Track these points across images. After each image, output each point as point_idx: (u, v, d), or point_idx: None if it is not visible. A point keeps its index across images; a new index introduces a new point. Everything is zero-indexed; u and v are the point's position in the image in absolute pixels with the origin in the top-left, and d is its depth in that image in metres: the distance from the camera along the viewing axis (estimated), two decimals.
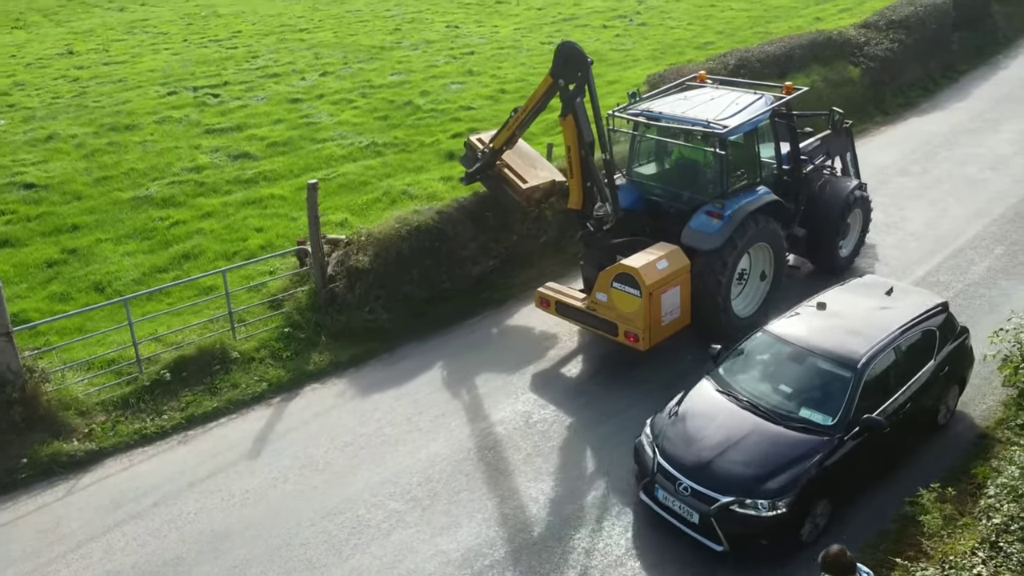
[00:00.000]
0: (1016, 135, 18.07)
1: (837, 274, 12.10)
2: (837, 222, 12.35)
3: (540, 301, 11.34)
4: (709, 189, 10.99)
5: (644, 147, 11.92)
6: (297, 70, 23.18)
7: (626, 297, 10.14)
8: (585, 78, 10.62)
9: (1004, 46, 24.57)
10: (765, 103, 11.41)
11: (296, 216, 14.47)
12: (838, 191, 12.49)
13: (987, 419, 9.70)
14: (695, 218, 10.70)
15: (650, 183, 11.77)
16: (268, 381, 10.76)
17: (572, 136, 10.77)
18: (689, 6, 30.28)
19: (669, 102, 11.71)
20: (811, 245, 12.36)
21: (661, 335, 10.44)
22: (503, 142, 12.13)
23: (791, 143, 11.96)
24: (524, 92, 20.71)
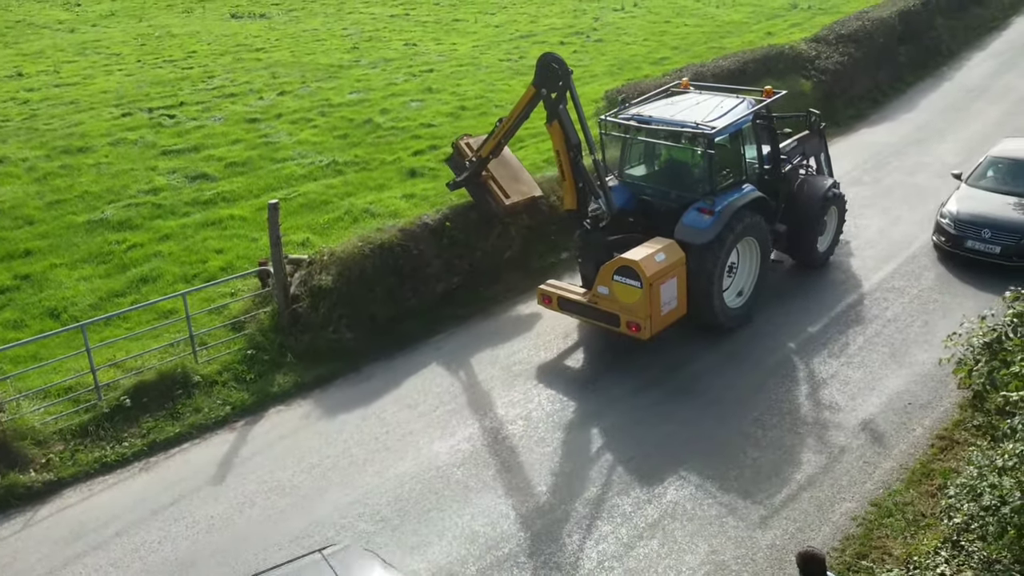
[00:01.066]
0: (961, 144, 18.63)
1: (816, 269, 13.13)
2: (816, 219, 12.99)
3: (542, 298, 11.74)
4: (698, 187, 11.58)
5: (634, 150, 12.47)
6: (254, 90, 22.99)
7: (627, 289, 10.63)
8: (567, 86, 11.20)
9: (948, 58, 25.37)
10: (747, 106, 12.10)
11: (257, 237, 14.31)
12: (815, 189, 13.11)
13: (944, 421, 9.93)
14: (687, 214, 11.23)
15: (641, 183, 12.31)
16: (231, 404, 10.59)
17: (560, 141, 11.35)
18: (644, 23, 30.75)
19: (657, 107, 12.35)
20: (792, 241, 12.96)
21: (661, 324, 10.93)
22: (490, 150, 12.56)
23: (771, 144, 12.58)
24: (483, 109, 20.84)
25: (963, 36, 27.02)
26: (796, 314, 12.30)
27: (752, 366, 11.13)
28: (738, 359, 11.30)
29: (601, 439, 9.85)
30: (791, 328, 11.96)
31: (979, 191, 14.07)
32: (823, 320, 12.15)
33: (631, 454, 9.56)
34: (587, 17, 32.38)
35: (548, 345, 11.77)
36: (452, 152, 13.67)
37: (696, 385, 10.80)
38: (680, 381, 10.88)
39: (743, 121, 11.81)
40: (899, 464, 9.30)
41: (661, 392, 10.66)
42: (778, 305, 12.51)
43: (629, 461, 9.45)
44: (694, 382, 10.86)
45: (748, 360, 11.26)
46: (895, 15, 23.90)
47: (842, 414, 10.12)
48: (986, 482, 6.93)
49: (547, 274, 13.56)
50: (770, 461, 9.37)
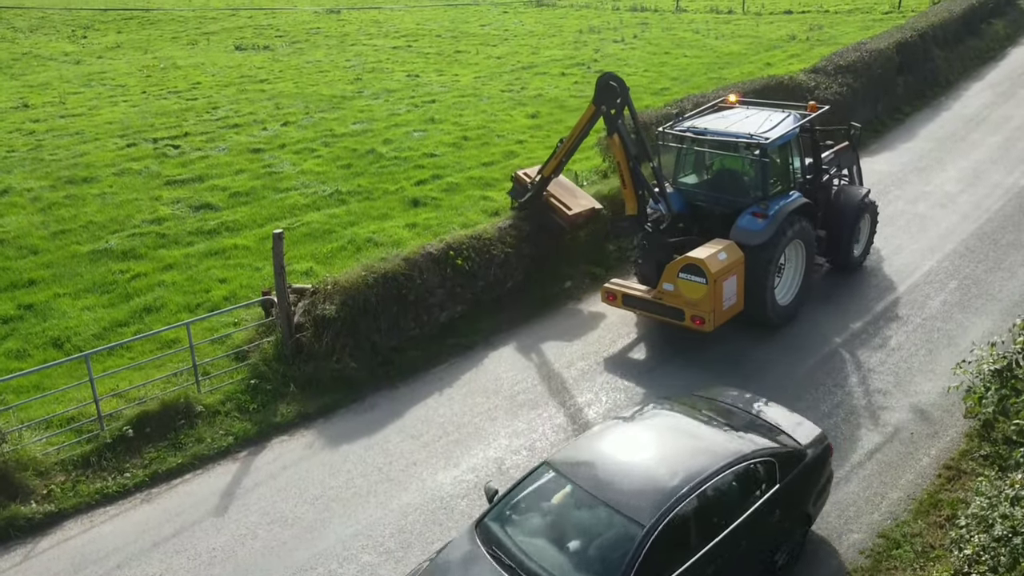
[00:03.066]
0: (961, 173, 18.74)
1: (851, 272, 14.24)
2: (852, 225, 13.84)
3: (606, 295, 12.53)
4: (750, 193, 12.43)
5: (688, 159, 13.26)
6: (258, 120, 23.18)
7: (692, 285, 11.41)
8: (625, 102, 12.19)
9: (945, 88, 25.61)
10: (794, 120, 13.05)
11: (260, 266, 14.35)
12: (851, 198, 14.01)
13: (951, 451, 9.87)
14: (742, 218, 12.07)
15: (694, 190, 13.12)
16: (234, 435, 10.54)
17: (620, 152, 12.24)
18: (644, 53, 31.09)
19: (710, 120, 13.30)
20: (830, 246, 13.82)
21: (723, 318, 11.70)
22: (552, 170, 13.57)
23: (814, 155, 13.58)
24: (485, 139, 21.02)
25: (960, 67, 27.31)
26: (786, 353, 12.29)
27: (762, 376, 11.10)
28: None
29: None
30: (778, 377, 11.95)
31: None
32: (817, 355, 12.13)
33: None
34: (588, 49, 32.76)
35: (552, 375, 11.74)
36: (512, 184, 14.76)
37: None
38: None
39: (792, 133, 12.70)
40: (906, 495, 9.22)
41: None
42: (770, 341, 12.51)
43: None
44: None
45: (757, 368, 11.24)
46: (892, 46, 24.16)
47: (847, 443, 10.05)
48: (997, 512, 6.87)
49: (550, 304, 13.63)
50: None
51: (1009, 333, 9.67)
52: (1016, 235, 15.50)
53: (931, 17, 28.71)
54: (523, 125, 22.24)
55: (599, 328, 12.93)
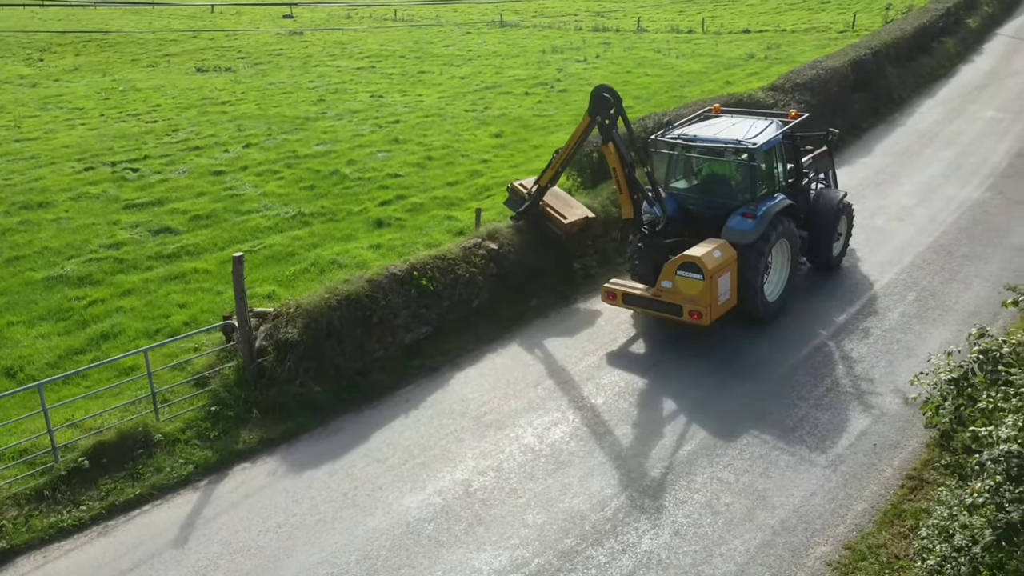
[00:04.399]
0: (917, 187, 19.15)
1: (831, 270, 14.88)
2: (832, 226, 14.51)
3: (607, 295, 13.00)
4: (739, 196, 13.06)
5: (678, 165, 13.88)
6: (220, 142, 22.97)
7: (690, 282, 11.96)
8: (619, 112, 12.79)
9: (899, 105, 26.23)
10: (777, 127, 13.72)
11: (221, 290, 14.14)
12: (830, 200, 14.72)
13: (913, 461, 9.98)
14: (732, 219, 12.68)
15: (685, 194, 13.75)
16: (194, 463, 10.30)
17: (615, 159, 12.77)
18: (607, 73, 31.43)
19: (698, 128, 13.90)
20: (811, 246, 14.40)
21: (718, 312, 12.24)
22: (548, 180, 14.09)
23: (795, 159, 14.26)
24: (450, 158, 21.04)
25: (912, 84, 28.00)
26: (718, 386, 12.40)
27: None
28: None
29: (573, 488, 9.73)
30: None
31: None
32: (773, 377, 12.25)
33: (604, 501, 9.45)
34: (551, 68, 33.06)
35: (519, 394, 11.68)
36: (508, 195, 15.14)
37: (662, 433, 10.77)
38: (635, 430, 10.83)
39: (776, 139, 13.43)
40: (871, 506, 9.29)
41: (579, 470, 10.61)
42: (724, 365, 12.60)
43: (604, 509, 9.34)
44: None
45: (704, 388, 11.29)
46: (847, 64, 24.73)
47: (813, 455, 10.13)
48: (957, 522, 6.94)
49: (517, 321, 13.60)
50: (741, 508, 9.31)
51: (965, 343, 9.84)
52: (970, 247, 15.84)
53: (884, 36, 29.47)
54: (487, 144, 22.31)
55: (565, 347, 12.92)
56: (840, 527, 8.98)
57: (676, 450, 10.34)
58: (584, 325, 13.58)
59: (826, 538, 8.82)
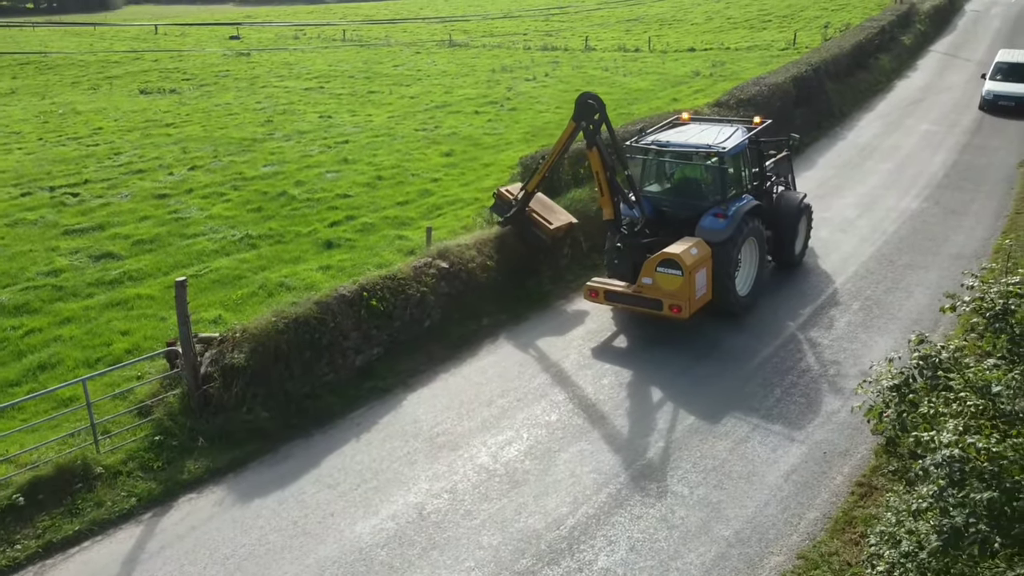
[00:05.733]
0: (859, 199, 19.64)
1: (793, 268, 15.68)
2: (793, 226, 15.37)
3: (589, 293, 13.59)
4: (709, 197, 13.80)
5: (651, 170, 14.63)
6: (164, 165, 22.50)
7: (669, 278, 12.61)
8: (603, 118, 13.34)
9: (839, 119, 26.94)
10: (743, 132, 14.55)
11: (166, 316, 13.76)
12: (791, 201, 15.61)
13: (862, 467, 10.13)
14: (704, 219, 13.39)
15: (659, 197, 14.46)
16: (137, 496, 9.94)
17: (598, 163, 13.31)
18: (556, 91, 31.70)
19: (670, 134, 14.69)
20: (775, 245, 15.10)
21: (696, 306, 12.90)
22: (535, 185, 14.60)
23: (759, 163, 15.17)
24: (400, 178, 20.91)
25: (852, 99, 28.81)
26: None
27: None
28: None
29: (529, 507, 9.64)
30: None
31: None
32: (724, 388, 12.38)
33: (560, 519, 9.38)
34: (501, 87, 33.21)
35: (472, 413, 11.57)
36: (494, 200, 15.59)
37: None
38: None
39: (743, 143, 14.21)
40: (823, 514, 9.39)
41: (533, 492, 10.57)
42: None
43: (560, 527, 9.26)
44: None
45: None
46: (789, 80, 25.34)
47: (764, 466, 10.21)
48: (904, 528, 7.03)
49: (469, 340, 13.51)
50: (696, 521, 9.32)
51: (906, 349, 10.05)
52: (911, 256, 16.27)
53: (823, 53, 30.31)
54: (438, 164, 22.26)
55: (518, 365, 12.86)
56: (793, 536, 9.05)
57: (630, 465, 10.34)
58: (537, 342, 13.55)
59: (779, 548, 8.88)
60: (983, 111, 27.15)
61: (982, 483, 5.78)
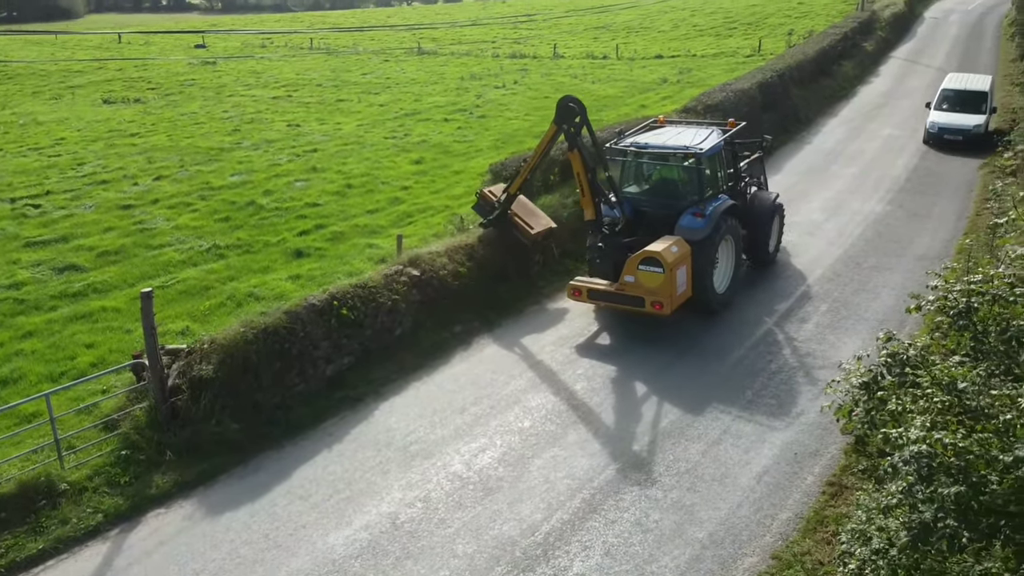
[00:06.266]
0: (825, 203, 19.91)
1: (767, 266, 15.97)
2: (767, 225, 15.72)
3: (572, 291, 13.83)
4: (687, 197, 14.09)
5: (630, 171, 14.88)
6: (129, 175, 22.18)
7: (651, 275, 12.91)
8: (584, 121, 13.63)
9: (805, 125, 27.32)
10: (718, 134, 14.91)
11: (132, 328, 13.52)
12: (764, 201, 15.97)
13: (832, 467, 10.24)
14: (683, 218, 13.68)
15: (638, 197, 14.72)
16: (104, 512, 9.73)
17: (580, 165, 13.59)
18: (525, 99, 31.80)
19: (648, 136, 15.02)
20: (749, 244, 15.36)
21: (677, 302, 13.18)
22: (517, 187, 14.79)
23: (733, 164, 15.53)
24: (370, 186, 20.80)
25: (816, 104, 29.24)
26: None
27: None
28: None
29: (503, 514, 9.60)
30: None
31: None
32: (698, 395, 12.46)
33: (534, 526, 9.35)
34: (470, 95, 33.24)
35: (445, 421, 11.51)
36: (477, 200, 15.61)
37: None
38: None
39: (719, 145, 14.58)
40: (795, 514, 9.47)
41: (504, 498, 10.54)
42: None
43: (535, 534, 9.23)
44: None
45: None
46: (755, 87, 25.67)
47: (736, 468, 10.27)
48: (874, 525, 7.10)
49: (441, 348, 13.45)
50: (670, 524, 9.35)
51: (874, 348, 10.18)
52: (877, 258, 16.52)
53: (788, 59, 30.76)
54: (408, 171, 22.20)
55: (490, 372, 12.83)
56: (766, 537, 9.11)
57: (604, 470, 10.34)
58: (508, 349, 13.53)
59: (753, 549, 8.93)
60: (928, 146, 24.37)
61: (949, 478, 5.86)
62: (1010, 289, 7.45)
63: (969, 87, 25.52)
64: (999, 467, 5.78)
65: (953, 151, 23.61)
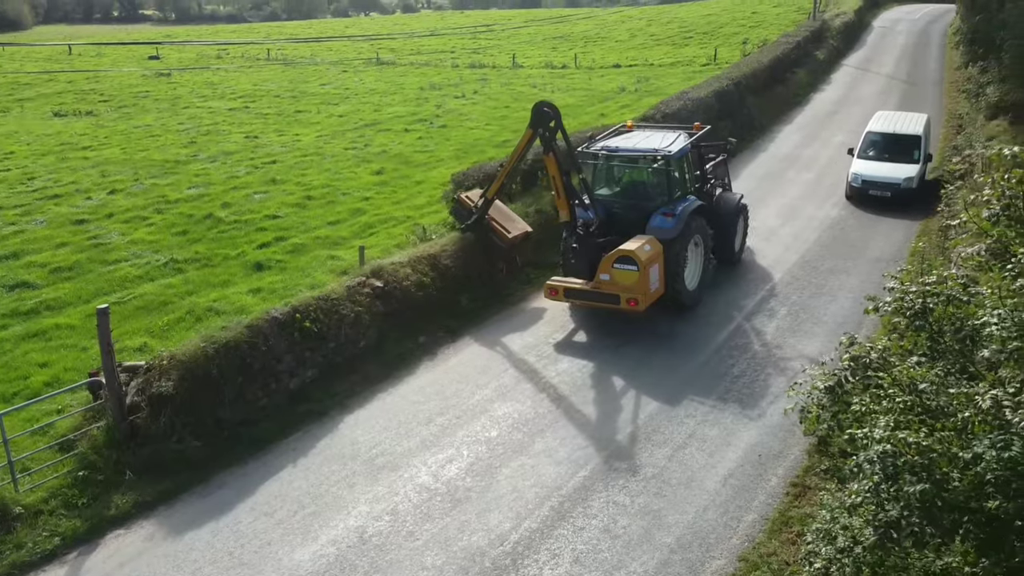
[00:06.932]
0: (781, 208, 20.26)
1: (733, 264, 16.47)
2: (733, 224, 16.30)
3: (549, 291, 14.22)
4: (657, 199, 14.59)
5: (601, 174, 15.33)
6: (81, 190, 21.66)
7: (626, 273, 13.34)
8: (558, 125, 14.09)
9: (760, 131, 27.79)
10: (685, 138, 15.41)
11: (88, 346, 13.18)
12: (730, 202, 16.59)
13: (796, 468, 10.39)
14: (653, 219, 14.17)
15: (610, 199, 15.14)
16: (61, 535, 9.46)
17: (555, 168, 14.08)
18: (485, 108, 31.84)
19: (618, 140, 15.53)
20: (716, 243, 15.66)
21: (651, 299, 13.64)
22: (495, 192, 15.19)
23: (700, 166, 16.14)
24: (331, 198, 20.62)
25: (771, 112, 29.78)
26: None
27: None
28: None
29: (472, 525, 9.55)
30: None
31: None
32: (666, 397, 12.56)
33: (503, 535, 9.32)
34: (430, 105, 33.18)
35: (411, 433, 11.43)
36: (454, 205, 16.12)
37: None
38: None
39: (687, 148, 15.12)
40: (760, 515, 9.58)
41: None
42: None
43: (503, 543, 9.20)
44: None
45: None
46: (712, 95, 26.05)
47: (702, 471, 10.36)
48: (839, 524, 7.21)
49: (404, 360, 13.38)
50: (638, 529, 9.39)
51: (835, 351, 10.38)
52: (833, 262, 16.85)
53: (743, 68, 31.29)
54: (368, 182, 22.05)
55: (456, 382, 12.78)
56: (733, 539, 9.20)
57: (571, 477, 10.36)
58: (474, 358, 13.50)
59: (720, 552, 9.01)
60: (851, 203, 20.15)
61: (914, 476, 5.97)
62: (963, 289, 7.63)
63: (899, 129, 21.40)
64: (960, 464, 5.91)
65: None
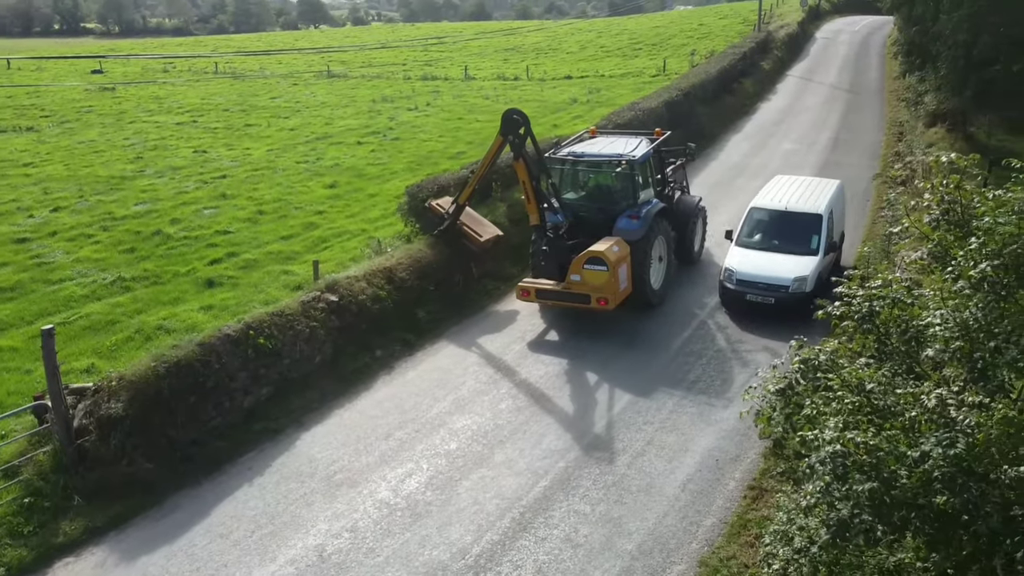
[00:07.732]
0: (731, 216, 20.51)
1: (692, 264, 17.18)
2: (693, 226, 17.03)
3: (521, 292, 14.68)
4: (621, 202, 15.23)
5: (568, 178, 15.94)
6: (23, 207, 21.05)
7: (595, 273, 13.84)
8: (528, 132, 14.43)
9: (710, 140, 28.27)
10: (648, 143, 16.22)
11: (31, 368, 12.77)
12: (689, 205, 17.36)
13: (752, 471, 10.54)
14: (620, 221, 14.80)
15: (577, 203, 15.70)
16: (6, 565, 9.13)
17: (525, 174, 14.40)
18: (438, 120, 31.84)
19: (582, 146, 16.23)
20: (676, 243, 16.22)
21: (620, 298, 14.17)
22: (466, 198, 15.55)
23: (661, 170, 16.84)
24: (283, 212, 20.38)
25: (720, 121, 30.34)
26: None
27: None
28: None
29: (433, 539, 9.48)
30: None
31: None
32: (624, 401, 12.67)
33: (464, 548, 9.26)
34: (383, 117, 33.07)
35: (370, 448, 11.32)
36: (427, 214, 16.42)
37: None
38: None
39: (649, 152, 15.87)
40: (719, 519, 9.69)
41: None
42: None
43: (465, 556, 9.15)
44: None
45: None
46: (662, 105, 26.44)
47: (660, 478, 10.45)
48: (795, 525, 7.33)
49: (361, 375, 13.27)
50: (599, 538, 9.42)
51: (787, 355, 10.58)
52: None
53: (692, 78, 31.85)
54: (321, 196, 21.86)
55: (414, 395, 12.70)
56: (693, 544, 9.29)
57: (532, 488, 10.36)
58: (431, 371, 13.44)
59: (681, 556, 9.09)
60: (726, 309, 15.11)
61: (863, 475, 6.10)
62: (908, 292, 7.85)
63: (795, 205, 15.54)
64: (907, 462, 6.06)
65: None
